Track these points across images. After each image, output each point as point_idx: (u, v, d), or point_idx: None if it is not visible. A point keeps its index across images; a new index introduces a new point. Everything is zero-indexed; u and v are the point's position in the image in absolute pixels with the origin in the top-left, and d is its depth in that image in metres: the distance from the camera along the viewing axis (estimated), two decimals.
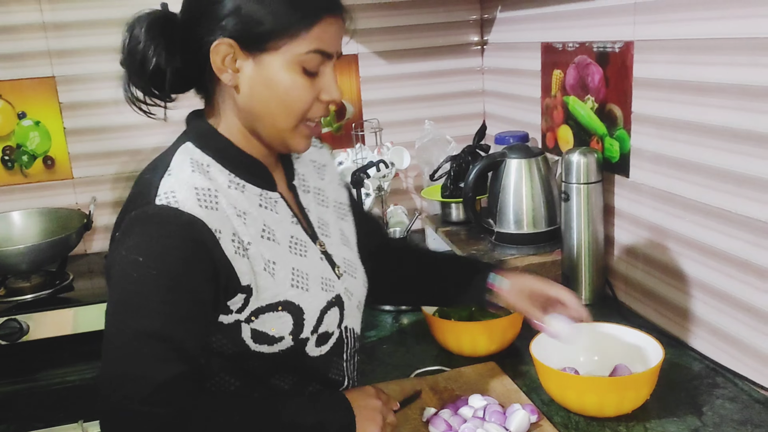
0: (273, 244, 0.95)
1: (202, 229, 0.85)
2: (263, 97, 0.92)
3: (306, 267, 0.98)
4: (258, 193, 0.97)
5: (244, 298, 0.91)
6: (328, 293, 1.00)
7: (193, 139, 0.95)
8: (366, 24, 2.08)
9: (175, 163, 0.91)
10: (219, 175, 0.93)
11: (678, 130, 1.28)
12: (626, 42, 1.40)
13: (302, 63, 0.90)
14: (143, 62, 0.91)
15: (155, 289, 0.84)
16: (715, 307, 1.24)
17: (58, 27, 1.88)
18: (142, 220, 0.86)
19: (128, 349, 0.83)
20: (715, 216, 1.21)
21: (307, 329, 0.97)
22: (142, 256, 0.83)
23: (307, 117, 0.94)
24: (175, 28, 0.93)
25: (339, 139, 2.15)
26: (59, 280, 1.71)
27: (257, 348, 0.94)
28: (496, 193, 1.65)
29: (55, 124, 1.92)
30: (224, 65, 0.90)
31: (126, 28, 0.92)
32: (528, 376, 1.25)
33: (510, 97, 2.05)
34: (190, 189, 0.87)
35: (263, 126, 0.94)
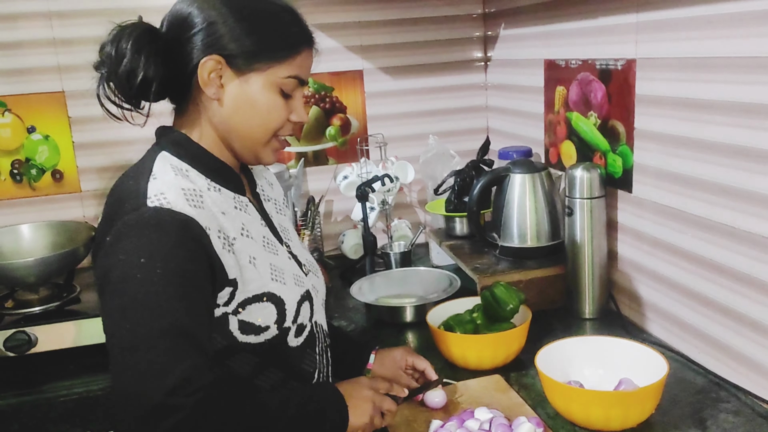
0: (251, 241, 1.01)
1: (195, 227, 0.91)
2: (245, 112, 1.00)
3: (280, 263, 1.05)
4: (232, 196, 1.03)
5: (231, 291, 0.96)
6: (300, 288, 1.07)
7: (168, 148, 1.00)
8: (371, 40, 2.10)
9: (158, 168, 0.97)
10: (198, 179, 0.99)
11: (680, 146, 1.30)
12: (628, 60, 1.43)
13: (281, 85, 1.00)
14: (131, 72, 0.95)
15: (163, 287, 0.86)
16: (719, 322, 1.25)
17: (67, 42, 1.91)
18: (137, 223, 0.89)
19: (145, 347, 0.84)
20: (718, 231, 1.23)
21: (289, 319, 1.03)
22: (144, 257, 0.86)
23: (278, 133, 1.03)
24: (160, 41, 0.98)
25: (344, 154, 2.17)
26: (67, 293, 1.72)
27: (244, 339, 0.98)
28: (500, 208, 1.67)
29: (64, 138, 1.95)
30: (210, 80, 0.97)
31: (111, 39, 0.96)
32: (533, 389, 1.26)
33: (513, 112, 2.07)
34: (178, 190, 0.93)
35: (239, 138, 1.02)
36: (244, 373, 1.00)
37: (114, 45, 0.95)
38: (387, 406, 1.05)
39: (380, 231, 2.12)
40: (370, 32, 2.09)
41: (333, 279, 1.93)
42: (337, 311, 1.72)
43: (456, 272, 1.75)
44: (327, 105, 2.13)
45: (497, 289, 1.40)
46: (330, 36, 2.07)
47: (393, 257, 1.91)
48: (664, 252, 1.39)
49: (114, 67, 0.95)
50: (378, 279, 1.78)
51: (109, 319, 0.88)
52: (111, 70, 0.96)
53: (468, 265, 1.67)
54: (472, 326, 1.39)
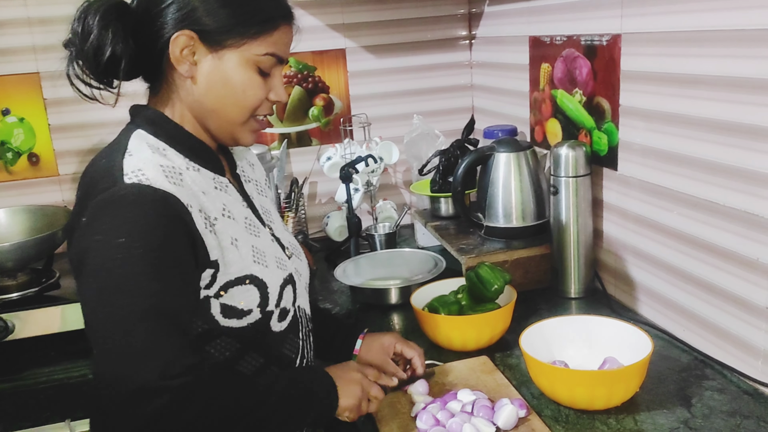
0: (233, 222, 0.98)
1: (176, 204, 0.87)
2: (219, 90, 0.96)
3: (262, 246, 1.02)
4: (211, 176, 1.00)
5: (212, 274, 0.93)
6: (283, 271, 1.04)
7: (144, 126, 0.97)
8: (354, 18, 2.07)
9: (133, 145, 0.93)
10: (176, 157, 0.95)
11: (666, 122, 1.29)
12: (614, 35, 1.40)
13: (258, 63, 0.96)
14: (99, 49, 0.91)
15: (143, 268, 0.83)
16: (704, 299, 1.24)
17: (43, 22, 1.86)
18: (114, 201, 0.85)
19: (127, 330, 0.82)
20: (703, 208, 1.22)
21: (272, 302, 1.00)
22: (123, 237, 0.83)
23: (255, 113, 0.99)
24: (129, 16, 0.94)
25: (327, 135, 2.14)
26: (45, 278, 1.70)
27: (227, 323, 0.95)
28: (485, 187, 1.65)
29: (39, 120, 1.90)
30: (182, 56, 0.94)
31: (78, 14, 0.92)
32: (518, 370, 1.25)
33: (498, 91, 2.05)
34: (156, 166, 0.89)
35: (215, 117, 0.98)
36: (223, 359, 0.98)
37: (81, 21, 0.91)
38: (374, 393, 1.04)
39: (365, 212, 2.11)
40: (352, 10, 2.06)
41: (318, 261, 1.91)
42: (322, 294, 1.70)
43: (441, 253, 1.74)
44: (309, 85, 2.09)
45: (482, 270, 1.38)
46: (311, 14, 2.03)
47: (378, 239, 1.90)
48: (649, 230, 1.38)
49: (81, 44, 0.91)
50: (363, 261, 1.76)
51: (89, 303, 0.85)
52: (78, 47, 0.92)
53: (453, 246, 1.66)
54: (457, 307, 1.38)
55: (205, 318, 0.94)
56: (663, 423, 1.06)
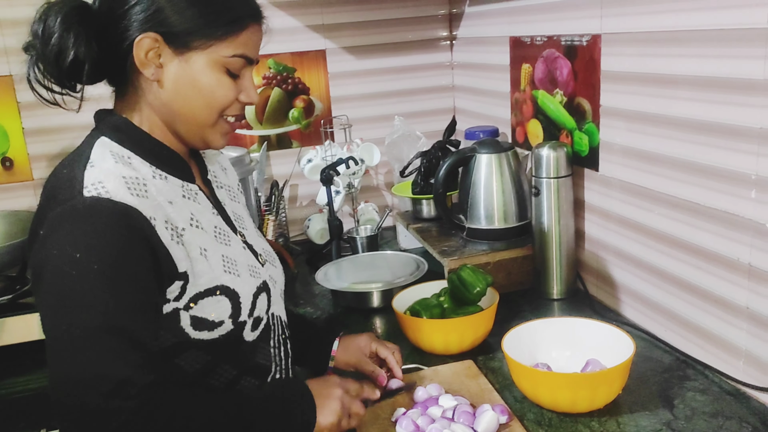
0: (201, 231, 0.95)
1: (137, 217, 0.84)
2: (187, 93, 0.93)
3: (233, 254, 0.99)
4: (180, 184, 0.97)
5: (181, 285, 0.90)
6: (256, 279, 1.02)
7: (108, 134, 0.93)
8: (334, 19, 2.05)
9: (96, 155, 0.90)
10: (141, 166, 0.93)
11: (646, 123, 1.28)
12: (593, 35, 1.40)
13: (226, 64, 0.93)
14: (60, 53, 0.88)
15: (99, 283, 0.81)
16: (685, 300, 1.24)
17: (14, 23, 1.82)
18: (72, 214, 0.83)
19: (81, 347, 0.80)
20: (683, 208, 1.21)
21: (245, 312, 0.98)
22: (79, 252, 0.81)
23: (224, 113, 0.97)
24: (92, 18, 0.91)
25: (308, 136, 2.12)
26: (20, 285, 1.66)
27: (197, 335, 0.93)
28: (467, 189, 1.64)
29: (13, 124, 1.87)
30: (147, 59, 0.91)
31: (38, 16, 0.89)
32: (500, 373, 1.24)
33: (480, 92, 2.04)
34: (118, 178, 0.87)
35: (183, 121, 0.95)
36: (193, 371, 0.95)
37: (41, 23, 0.88)
38: (355, 409, 1.01)
39: (347, 215, 2.09)
40: (332, 10, 2.04)
41: (299, 265, 1.89)
42: (303, 298, 1.68)
43: (424, 255, 1.73)
44: (289, 86, 2.07)
45: (464, 272, 1.37)
46: (291, 15, 2.01)
47: (360, 241, 1.88)
48: (630, 230, 1.38)
49: (42, 47, 0.88)
50: (345, 264, 1.74)
51: (44, 318, 0.83)
52: (39, 50, 0.89)
53: (435, 248, 1.65)
54: (439, 310, 1.37)
55: (174, 331, 0.91)
56: (646, 425, 1.05)
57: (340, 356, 1.21)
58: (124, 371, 0.80)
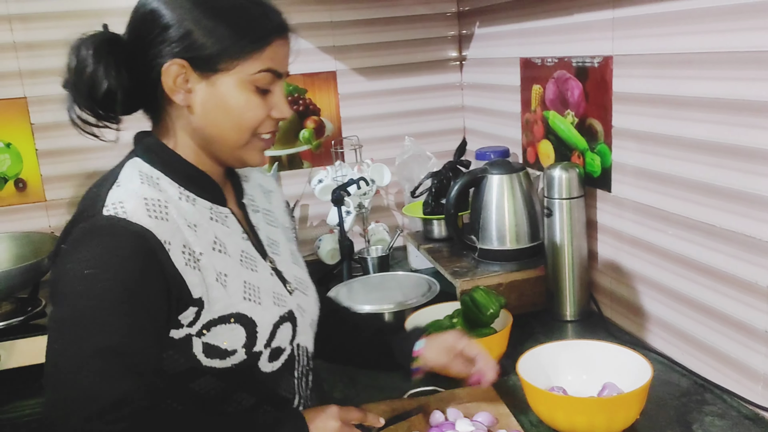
0: (224, 256, 0.94)
1: (151, 240, 0.84)
2: (217, 116, 0.93)
3: (257, 281, 0.98)
4: (208, 207, 0.97)
5: (196, 311, 0.90)
6: (281, 308, 1.00)
7: (141, 154, 0.95)
8: (344, 41, 2.06)
9: (124, 175, 0.91)
10: (169, 187, 0.93)
11: (659, 144, 1.28)
12: (605, 57, 1.40)
13: (254, 82, 0.92)
14: (93, 85, 0.89)
15: (107, 303, 0.81)
16: (702, 322, 1.23)
17: (29, 47, 1.84)
18: (90, 232, 0.84)
19: (80, 366, 0.79)
20: (698, 230, 1.21)
21: (260, 343, 0.96)
22: (91, 269, 0.81)
23: (258, 132, 0.96)
24: (122, 49, 0.92)
25: (318, 157, 2.13)
26: (31, 307, 1.66)
27: (209, 363, 0.92)
28: (478, 210, 1.64)
29: (26, 145, 1.88)
30: (176, 86, 0.91)
31: (71, 51, 0.90)
32: (515, 396, 1.22)
33: (490, 112, 2.04)
34: (139, 199, 0.87)
35: (217, 144, 0.95)
36: (209, 398, 0.94)
37: (74, 58, 0.89)
38: None
39: (357, 235, 2.08)
40: (342, 32, 2.05)
41: None
42: None
43: (435, 276, 1.72)
44: (300, 107, 2.08)
45: (477, 294, 1.36)
46: (302, 36, 2.00)
47: (370, 262, 1.87)
48: (644, 252, 1.37)
49: (76, 81, 0.89)
50: (356, 285, 1.74)
51: (49, 332, 0.83)
52: (74, 85, 0.90)
53: (447, 268, 1.64)
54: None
55: (187, 356, 0.90)
56: None
57: (429, 356, 1.15)
58: (119, 393, 0.79)
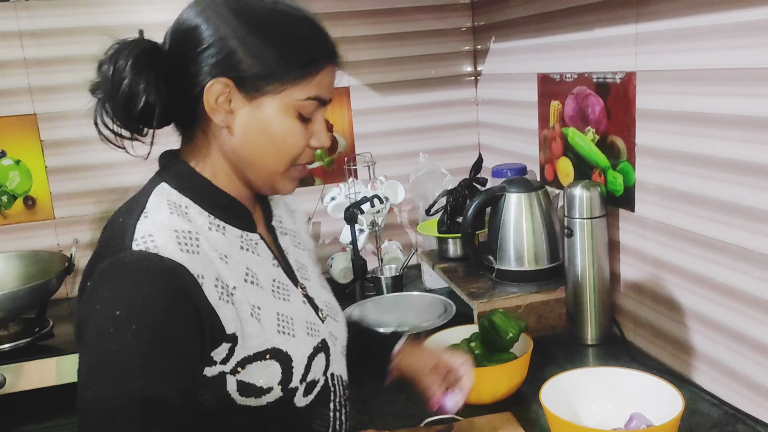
0: (257, 288, 0.89)
1: (184, 275, 0.79)
2: (258, 140, 0.88)
3: (290, 311, 0.93)
4: (239, 234, 0.91)
5: (229, 348, 0.84)
6: (314, 338, 0.95)
7: (169, 180, 0.89)
8: (357, 56, 2.04)
9: (151, 204, 0.85)
10: (198, 216, 0.87)
11: (684, 162, 1.24)
12: (628, 72, 1.36)
13: (299, 108, 0.87)
14: (131, 98, 0.83)
15: (136, 346, 0.76)
16: (732, 349, 1.18)
17: (39, 63, 1.82)
18: (118, 268, 0.79)
19: (109, 414, 0.75)
20: (727, 252, 1.16)
21: (296, 378, 0.91)
22: (120, 310, 0.76)
23: (296, 162, 0.91)
24: (163, 61, 0.87)
25: (331, 174, 2.10)
26: (39, 328, 1.63)
27: (243, 402, 0.87)
28: (496, 229, 1.60)
29: (36, 162, 1.86)
30: (218, 105, 0.86)
31: (108, 59, 0.84)
32: (538, 425, 1.18)
33: (506, 128, 2.01)
34: (170, 232, 0.81)
35: (253, 168, 0.90)
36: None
37: (111, 65, 0.84)
38: None
39: (370, 253, 2.04)
40: (356, 48, 2.03)
41: None
42: None
43: (449, 295, 1.68)
44: None
45: (496, 317, 1.32)
46: None
47: (384, 281, 1.83)
48: (669, 274, 1.32)
49: (112, 92, 0.84)
50: (369, 305, 1.70)
51: (80, 375, 0.78)
52: (109, 94, 0.84)
53: (463, 289, 1.60)
54: (471, 357, 1.31)
55: (219, 395, 0.85)
56: None
57: (402, 359, 1.11)
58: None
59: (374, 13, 2.03)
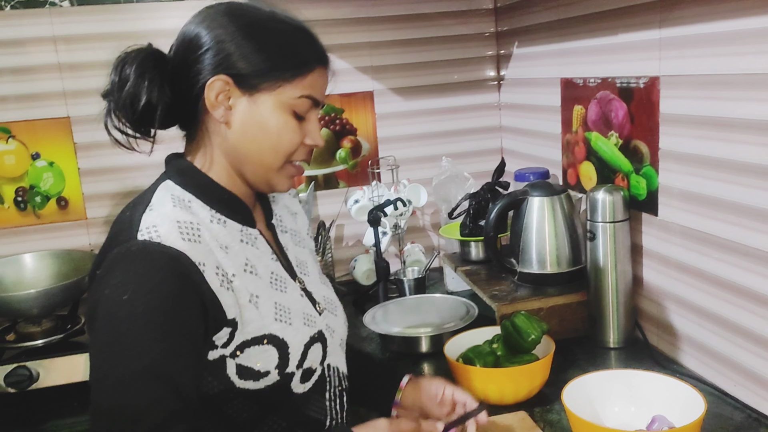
0: (255, 278, 0.95)
1: (186, 263, 0.85)
2: (254, 135, 0.94)
3: (287, 302, 0.98)
4: (239, 228, 0.97)
5: (230, 332, 0.90)
6: (311, 328, 1.00)
7: (173, 177, 0.96)
8: (381, 61, 2.06)
9: (156, 198, 0.92)
10: (200, 210, 0.93)
11: (708, 167, 1.24)
12: (651, 77, 1.37)
13: (293, 106, 0.94)
14: (135, 98, 0.91)
15: (144, 327, 0.82)
16: (756, 353, 1.18)
17: (72, 67, 1.87)
18: (125, 257, 0.84)
19: (120, 391, 0.80)
20: (750, 256, 1.16)
21: (293, 364, 0.96)
22: (127, 294, 0.82)
23: (291, 158, 0.97)
24: (166, 65, 0.94)
25: (355, 177, 2.12)
26: (71, 324, 1.67)
27: (242, 385, 0.92)
28: (518, 232, 1.61)
29: (69, 164, 1.91)
30: (218, 101, 0.92)
31: (115, 64, 0.92)
32: (559, 427, 1.19)
33: (528, 133, 2.02)
34: (172, 223, 0.87)
35: (250, 163, 0.96)
36: (242, 421, 0.93)
37: (118, 70, 0.92)
38: None
39: (393, 256, 2.06)
40: (380, 53, 2.05)
41: (345, 306, 1.85)
42: (351, 340, 1.63)
43: (472, 298, 1.69)
44: (337, 127, 2.08)
45: (518, 319, 1.33)
46: (340, 57, 2.02)
47: (407, 284, 1.85)
48: (692, 278, 1.33)
49: (118, 93, 0.91)
50: (392, 307, 1.71)
51: (92, 358, 0.84)
52: (115, 96, 0.92)
53: (485, 292, 1.61)
54: (493, 358, 1.33)
55: (220, 378, 0.90)
56: None
57: (408, 394, 1.13)
58: (159, 417, 0.79)
59: (399, 18, 2.05)
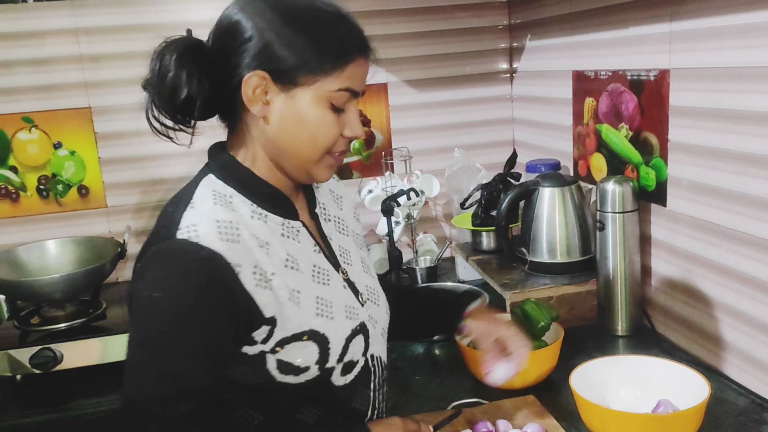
0: (296, 273, 0.94)
1: (220, 264, 0.85)
2: (292, 129, 0.93)
3: (330, 295, 0.98)
4: (280, 222, 0.96)
5: (269, 330, 0.90)
6: (353, 321, 1.00)
7: (216, 171, 0.95)
8: (395, 53, 2.09)
9: (198, 195, 0.92)
10: (241, 206, 0.93)
11: (717, 158, 1.26)
12: (662, 70, 1.39)
13: (331, 99, 0.92)
14: (174, 90, 0.90)
15: (169, 326, 0.84)
16: (761, 341, 1.21)
17: (94, 59, 1.92)
18: (162, 254, 0.86)
19: (140, 387, 0.84)
20: (757, 246, 1.19)
21: (333, 358, 0.96)
22: (159, 292, 0.84)
23: (331, 150, 0.96)
24: (205, 56, 0.93)
25: (368, 168, 2.16)
26: (93, 309, 1.72)
27: (283, 379, 0.93)
28: (529, 222, 1.64)
29: (90, 153, 1.96)
30: (255, 96, 0.91)
31: (155, 55, 0.91)
32: (567, 410, 1.22)
33: (540, 124, 2.04)
34: (212, 222, 0.87)
35: (289, 157, 0.95)
36: (282, 408, 0.95)
37: (158, 62, 0.91)
38: None
39: (405, 245, 2.10)
40: (394, 45, 2.08)
41: None
42: None
43: (483, 287, 1.72)
44: None
45: (528, 306, 1.36)
46: None
47: (419, 272, 1.89)
48: (700, 267, 1.35)
49: (158, 85, 0.91)
50: None
51: (128, 346, 0.87)
52: (155, 88, 0.91)
53: (496, 280, 1.64)
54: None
55: (260, 372, 0.91)
56: None
57: (471, 320, 1.18)
58: (172, 415, 0.82)
59: (413, 11, 2.08)
